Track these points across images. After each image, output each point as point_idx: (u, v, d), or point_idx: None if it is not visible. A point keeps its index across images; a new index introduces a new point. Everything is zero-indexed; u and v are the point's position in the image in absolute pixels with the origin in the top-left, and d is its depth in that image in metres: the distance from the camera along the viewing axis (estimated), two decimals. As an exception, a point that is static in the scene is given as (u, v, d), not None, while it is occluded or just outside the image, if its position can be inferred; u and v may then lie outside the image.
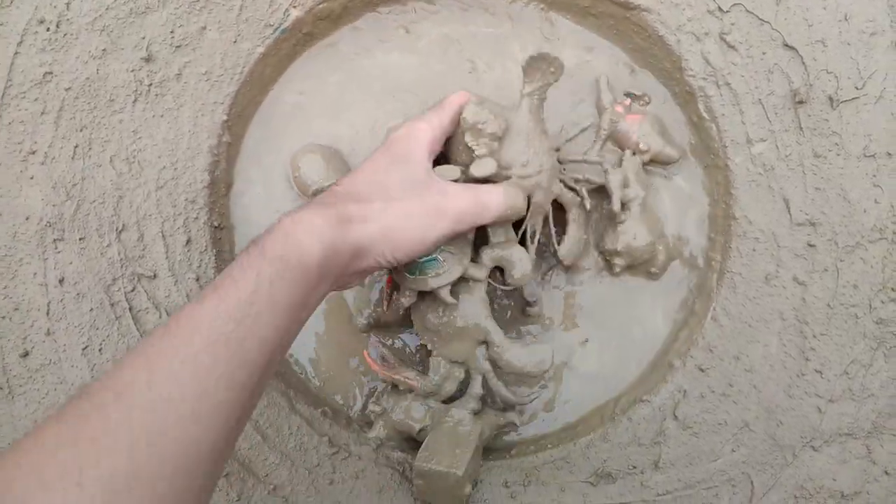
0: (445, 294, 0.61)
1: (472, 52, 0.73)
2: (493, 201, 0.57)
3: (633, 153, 0.69)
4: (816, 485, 0.65)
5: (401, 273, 0.61)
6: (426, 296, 0.63)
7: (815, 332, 0.65)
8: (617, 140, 0.70)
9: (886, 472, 0.64)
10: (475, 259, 0.62)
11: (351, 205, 0.53)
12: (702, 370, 0.66)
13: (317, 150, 0.71)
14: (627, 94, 0.71)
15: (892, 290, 0.64)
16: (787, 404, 0.65)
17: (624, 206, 0.67)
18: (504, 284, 0.64)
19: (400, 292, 0.63)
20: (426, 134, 0.57)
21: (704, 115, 0.68)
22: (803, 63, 0.65)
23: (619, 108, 0.70)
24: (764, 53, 0.66)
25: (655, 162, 0.70)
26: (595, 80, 0.71)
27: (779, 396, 0.65)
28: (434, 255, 0.60)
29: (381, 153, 0.57)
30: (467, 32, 0.73)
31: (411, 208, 0.55)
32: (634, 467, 0.66)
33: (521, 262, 0.62)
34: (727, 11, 0.66)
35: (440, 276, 0.60)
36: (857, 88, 0.65)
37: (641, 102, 0.71)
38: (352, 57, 0.73)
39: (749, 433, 0.65)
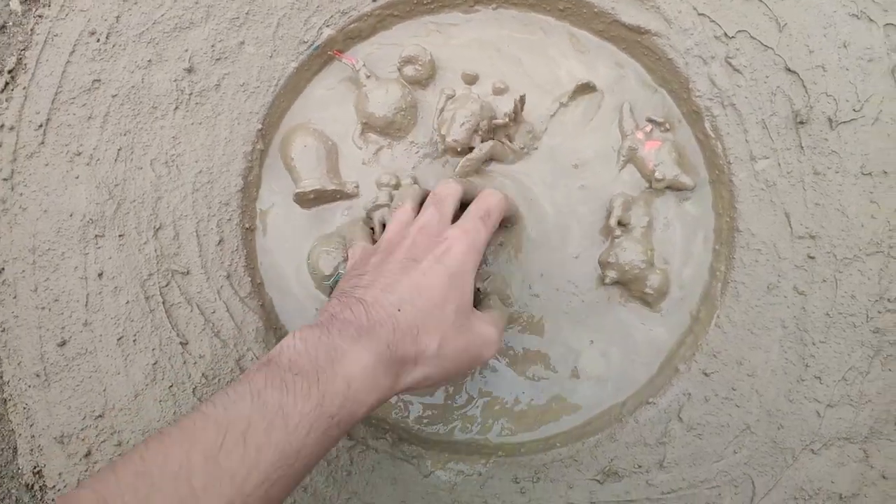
0: None
1: (512, 50, 0.77)
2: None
3: (650, 182, 0.73)
4: (815, 486, 0.67)
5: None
6: None
7: (815, 339, 0.68)
8: (636, 165, 0.74)
9: (883, 476, 0.67)
10: None
11: (409, 346, 0.52)
12: (706, 374, 0.69)
13: (312, 134, 0.74)
14: (649, 120, 0.74)
15: (889, 300, 0.67)
16: (788, 408, 0.68)
17: (623, 225, 0.71)
18: None
19: None
20: (479, 259, 0.58)
21: (710, 133, 0.71)
22: (804, 86, 0.69)
23: (640, 135, 0.74)
24: (767, 77, 0.70)
25: (671, 189, 0.73)
26: (620, 104, 0.75)
27: (779, 401, 0.68)
28: (338, 272, 0.70)
29: (439, 276, 0.55)
30: (502, 35, 0.77)
31: (460, 358, 0.55)
32: (640, 466, 0.69)
33: None
34: (733, 37, 0.70)
35: None
36: (854, 111, 0.68)
37: (662, 129, 0.74)
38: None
39: (751, 435, 0.68)
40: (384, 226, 0.69)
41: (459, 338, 0.55)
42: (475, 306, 0.61)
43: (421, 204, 0.65)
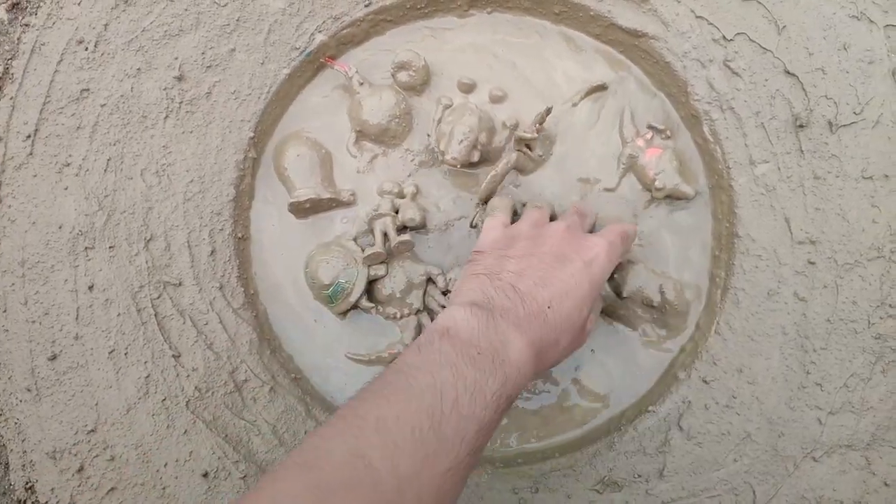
0: (364, 304, 0.71)
1: (508, 55, 0.76)
2: None
3: (650, 191, 0.72)
4: (817, 495, 0.66)
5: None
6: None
7: (816, 346, 0.67)
8: (636, 173, 0.73)
9: (886, 484, 0.66)
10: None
11: (551, 344, 0.55)
12: (706, 382, 0.68)
13: (305, 143, 0.73)
14: (650, 127, 0.74)
15: (890, 306, 0.66)
16: (789, 416, 0.67)
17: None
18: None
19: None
20: (610, 271, 0.62)
21: (709, 137, 0.70)
22: (804, 89, 0.68)
23: (640, 142, 0.73)
24: (766, 80, 0.69)
25: (671, 197, 0.72)
26: (620, 109, 0.74)
27: (780, 408, 0.67)
28: (337, 282, 0.69)
29: (585, 282, 0.58)
30: (497, 40, 0.76)
31: (568, 351, 0.60)
32: (640, 476, 0.68)
33: (409, 209, 0.71)
34: (731, 40, 0.69)
35: (353, 292, 0.70)
36: (855, 114, 0.68)
37: (663, 136, 0.73)
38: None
39: (751, 444, 0.67)
40: (385, 235, 0.69)
41: (577, 339, 0.60)
42: None
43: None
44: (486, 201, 0.72)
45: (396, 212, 0.71)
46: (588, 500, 0.68)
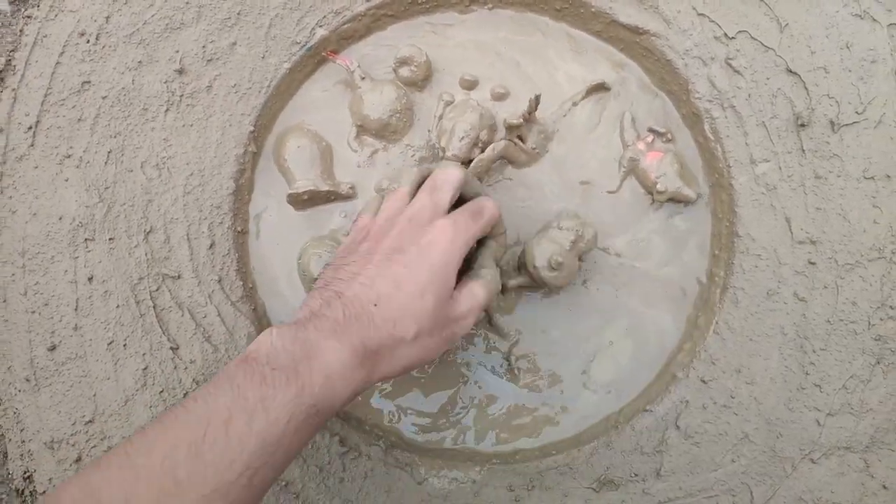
0: None
1: (510, 53, 0.75)
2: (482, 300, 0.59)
3: (651, 194, 0.72)
4: (815, 497, 0.66)
5: None
6: None
7: (815, 347, 0.67)
8: (637, 177, 0.73)
9: (884, 486, 0.65)
10: None
11: (385, 338, 0.52)
12: (704, 382, 0.68)
13: (306, 135, 0.73)
14: (651, 130, 0.73)
15: (891, 307, 0.66)
16: (787, 417, 0.66)
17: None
18: None
19: None
20: (464, 252, 0.57)
21: (710, 136, 0.70)
22: (806, 88, 0.68)
23: (641, 146, 0.73)
24: (768, 78, 0.69)
25: (672, 200, 0.72)
26: (622, 112, 0.74)
27: (779, 409, 0.67)
28: None
29: (420, 269, 0.54)
30: (499, 37, 0.76)
31: (436, 342, 0.56)
32: (637, 475, 0.68)
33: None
34: (733, 38, 0.69)
35: None
36: (857, 113, 0.67)
37: (664, 139, 0.73)
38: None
39: (749, 444, 0.67)
40: None
41: (436, 325, 0.55)
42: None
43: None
44: None
45: None
46: (584, 499, 0.67)
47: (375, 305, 0.53)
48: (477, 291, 0.59)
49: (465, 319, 0.58)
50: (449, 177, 0.60)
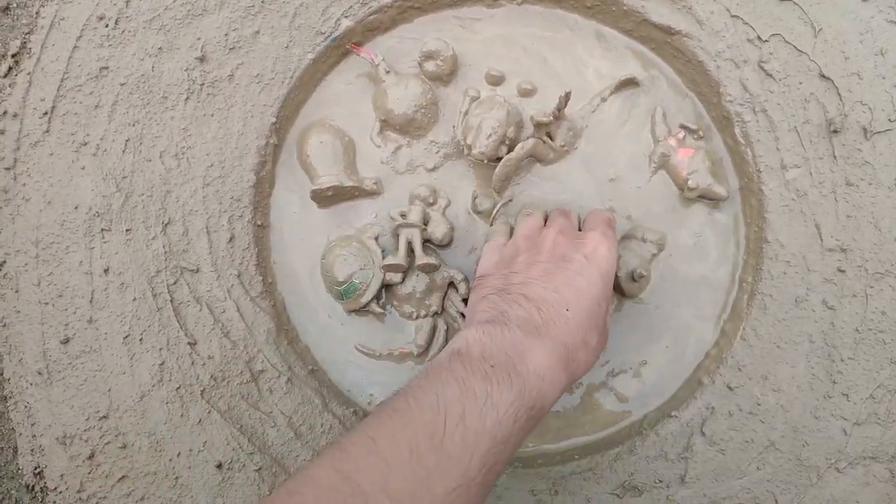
0: (373, 307, 0.70)
1: (538, 49, 0.74)
2: None
3: (682, 190, 0.71)
4: (840, 506, 0.66)
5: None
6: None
7: (843, 355, 0.66)
8: (668, 172, 0.72)
9: (909, 497, 0.65)
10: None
11: (580, 352, 0.54)
12: (730, 388, 0.67)
13: (328, 130, 0.72)
14: (682, 127, 0.72)
15: (920, 317, 0.66)
16: (814, 425, 0.66)
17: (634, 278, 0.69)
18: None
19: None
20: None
21: (741, 139, 0.69)
22: (839, 94, 0.67)
23: (672, 141, 0.72)
24: (801, 83, 0.68)
25: (703, 198, 0.71)
26: (653, 108, 0.73)
27: (805, 417, 0.66)
28: (351, 280, 0.68)
29: (594, 278, 0.57)
30: (527, 33, 0.74)
31: (599, 351, 0.58)
32: (661, 481, 0.67)
33: (441, 225, 0.70)
34: (766, 41, 0.68)
35: (364, 294, 0.69)
36: (890, 121, 0.66)
37: (696, 136, 0.72)
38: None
39: (775, 452, 0.66)
40: (409, 246, 0.68)
41: (603, 336, 0.58)
42: None
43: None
44: (499, 188, 0.71)
45: (425, 223, 0.70)
46: (607, 504, 0.67)
47: (567, 310, 0.54)
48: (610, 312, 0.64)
49: (608, 333, 0.61)
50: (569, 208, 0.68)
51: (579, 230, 0.65)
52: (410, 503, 0.41)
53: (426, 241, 0.70)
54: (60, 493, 0.66)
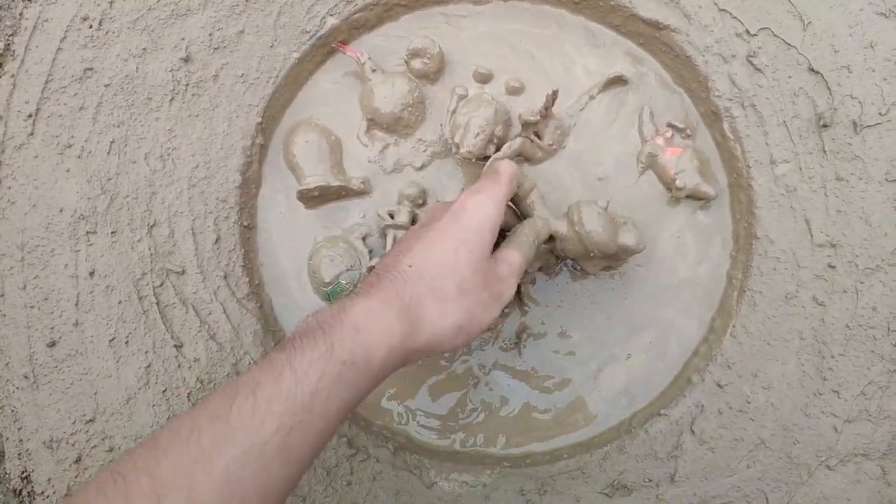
0: None
1: (526, 46, 0.74)
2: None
3: (670, 190, 0.70)
4: (831, 504, 0.65)
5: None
6: None
7: (834, 352, 0.66)
8: (656, 172, 0.72)
9: (901, 494, 0.65)
10: None
11: (426, 299, 0.52)
12: (720, 386, 0.67)
13: (314, 130, 0.71)
14: (670, 125, 0.72)
15: (911, 313, 0.65)
16: (804, 423, 0.66)
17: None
18: None
19: None
20: (495, 212, 0.56)
21: (729, 135, 0.69)
22: (828, 88, 0.67)
23: (660, 140, 0.71)
24: (790, 77, 0.67)
25: (691, 197, 0.71)
26: (640, 106, 0.72)
27: (796, 415, 0.66)
28: (338, 281, 0.68)
29: (452, 230, 0.55)
30: (514, 29, 0.74)
31: (480, 300, 0.54)
32: (650, 480, 0.66)
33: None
34: (755, 35, 0.68)
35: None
36: (880, 114, 0.66)
37: (683, 135, 0.72)
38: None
39: (765, 450, 0.66)
40: None
41: (477, 283, 0.54)
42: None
43: None
44: None
45: (413, 223, 0.69)
46: (596, 504, 0.67)
47: (410, 266, 0.53)
48: (512, 254, 0.58)
49: (508, 280, 0.57)
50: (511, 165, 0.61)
51: None
52: (179, 478, 0.40)
53: None
54: (48, 496, 0.66)
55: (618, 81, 0.72)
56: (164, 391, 0.66)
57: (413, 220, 0.69)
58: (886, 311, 0.65)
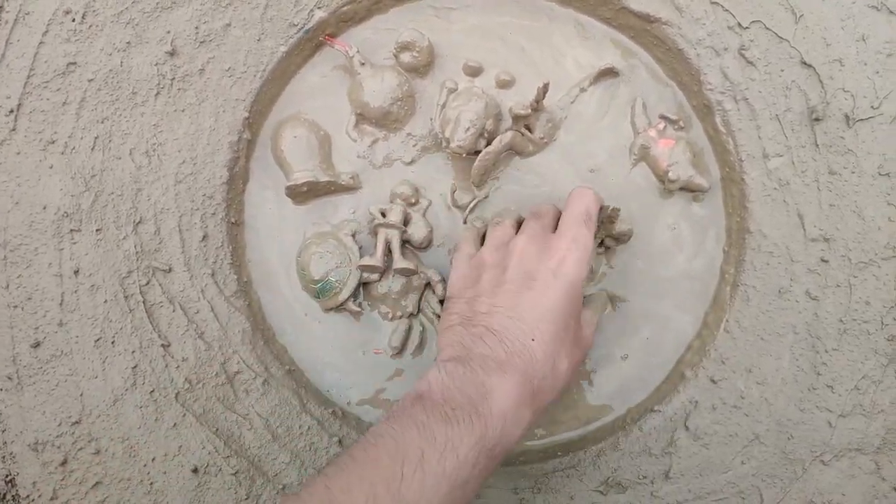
0: (350, 305, 0.69)
1: (516, 38, 0.73)
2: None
3: (663, 182, 0.70)
4: (825, 499, 0.65)
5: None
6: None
7: (827, 346, 0.65)
8: (649, 164, 0.71)
9: (895, 489, 0.65)
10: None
11: (548, 375, 0.54)
12: (713, 382, 0.67)
13: (303, 125, 0.71)
14: (662, 117, 0.71)
15: (904, 307, 0.65)
16: (798, 418, 0.66)
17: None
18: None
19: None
20: (588, 266, 0.59)
21: (721, 128, 0.68)
22: (820, 81, 0.66)
23: (652, 132, 0.71)
24: (782, 70, 0.67)
25: (684, 189, 0.71)
26: (633, 98, 0.72)
27: (790, 410, 0.66)
28: (327, 278, 0.67)
29: (565, 302, 0.56)
30: (504, 22, 0.73)
31: (572, 370, 0.57)
32: (645, 477, 0.66)
33: (420, 228, 0.69)
34: (747, 28, 0.67)
35: (341, 293, 0.68)
36: (873, 108, 0.66)
37: (676, 127, 0.71)
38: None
39: (759, 446, 0.66)
40: (387, 248, 0.67)
41: (576, 350, 0.58)
42: None
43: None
44: (478, 182, 0.70)
45: (405, 223, 0.69)
46: (591, 502, 0.66)
47: (533, 340, 0.54)
48: (591, 319, 0.62)
49: (588, 341, 0.61)
50: (549, 206, 0.65)
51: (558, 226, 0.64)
52: None
53: (405, 243, 0.69)
54: (33, 500, 0.65)
55: (609, 73, 0.71)
56: (152, 392, 0.65)
57: (405, 221, 0.69)
58: (880, 305, 0.65)
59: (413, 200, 0.70)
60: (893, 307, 0.65)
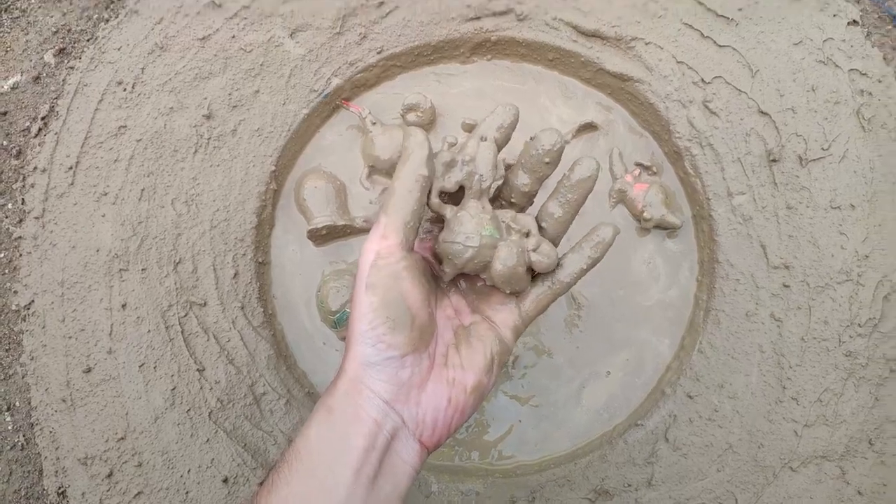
0: None
1: (507, 99, 0.82)
2: None
3: (639, 221, 0.78)
4: (795, 503, 0.71)
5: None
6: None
7: (791, 363, 0.72)
8: (626, 206, 0.80)
9: (859, 492, 0.70)
10: None
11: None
12: (690, 397, 0.73)
13: (322, 177, 0.80)
14: (638, 165, 0.80)
15: (859, 325, 0.71)
16: (767, 428, 0.72)
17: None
18: None
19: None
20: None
21: (691, 171, 0.77)
22: (776, 127, 0.75)
23: (629, 178, 0.79)
24: (742, 119, 0.76)
25: (659, 227, 0.78)
26: (610, 149, 0.81)
27: (759, 421, 0.72)
28: (344, 310, 0.75)
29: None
30: (496, 85, 0.83)
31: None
32: (630, 485, 0.72)
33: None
34: (709, 83, 0.76)
35: None
36: (823, 149, 0.74)
37: (650, 172, 0.80)
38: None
39: (733, 454, 0.72)
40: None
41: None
42: None
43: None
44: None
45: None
46: (581, 507, 0.72)
47: None
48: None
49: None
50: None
51: None
52: None
53: None
54: (82, 509, 0.72)
55: (589, 127, 0.81)
56: (188, 410, 0.73)
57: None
58: (837, 324, 0.72)
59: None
60: (849, 326, 0.72)
